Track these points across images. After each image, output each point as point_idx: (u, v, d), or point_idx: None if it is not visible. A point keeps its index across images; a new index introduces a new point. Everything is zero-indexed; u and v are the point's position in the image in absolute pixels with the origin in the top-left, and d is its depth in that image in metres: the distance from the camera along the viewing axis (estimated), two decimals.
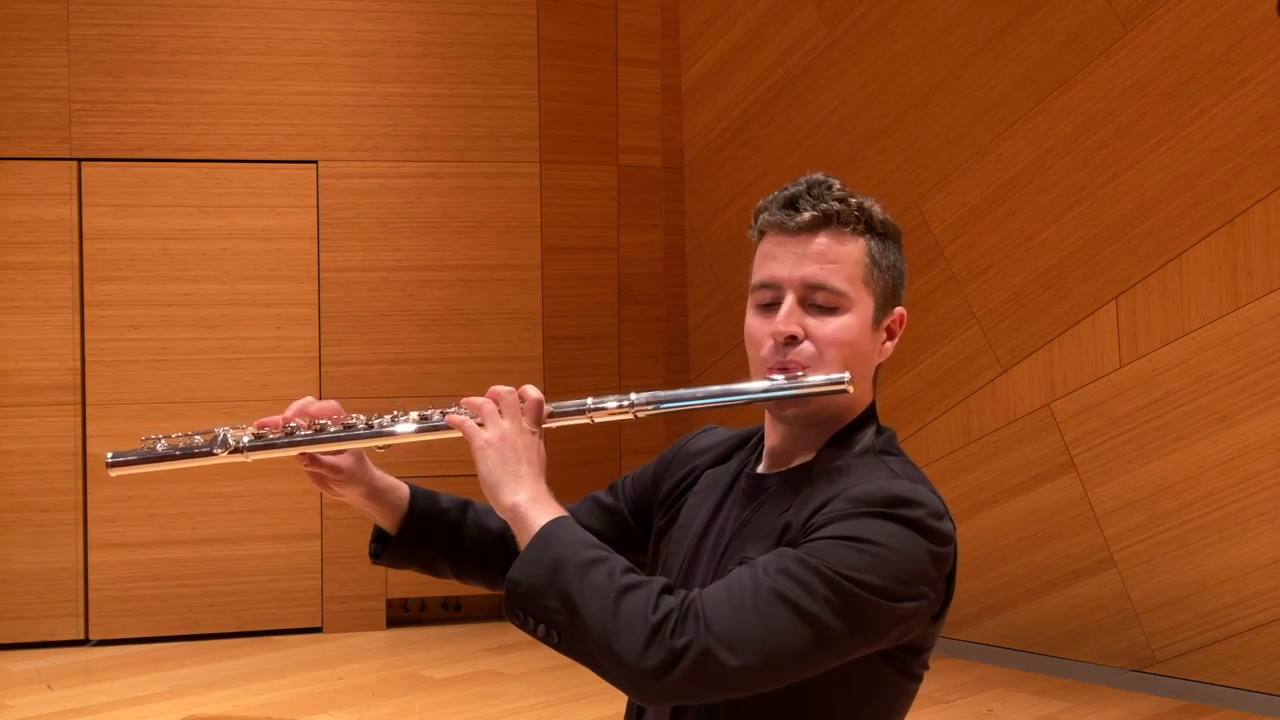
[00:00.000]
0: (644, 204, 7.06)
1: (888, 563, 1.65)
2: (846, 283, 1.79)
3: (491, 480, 1.75)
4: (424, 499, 2.07)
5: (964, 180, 5.96)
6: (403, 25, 6.57)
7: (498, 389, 1.80)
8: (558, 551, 1.65)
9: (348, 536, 6.49)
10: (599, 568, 1.64)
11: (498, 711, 5.26)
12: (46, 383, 6.26)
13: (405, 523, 2.05)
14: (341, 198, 6.51)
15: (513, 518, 1.72)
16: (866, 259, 1.81)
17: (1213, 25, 5.19)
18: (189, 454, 1.92)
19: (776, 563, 1.65)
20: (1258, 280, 5.11)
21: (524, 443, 1.76)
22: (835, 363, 1.79)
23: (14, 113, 6.24)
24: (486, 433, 1.77)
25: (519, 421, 1.78)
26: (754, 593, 1.62)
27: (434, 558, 2.07)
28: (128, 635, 6.31)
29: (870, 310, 1.82)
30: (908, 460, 1.83)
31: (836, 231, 1.80)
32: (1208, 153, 5.22)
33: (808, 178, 1.84)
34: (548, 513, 1.71)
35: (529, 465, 1.75)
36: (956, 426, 6.03)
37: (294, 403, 1.95)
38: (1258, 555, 5.12)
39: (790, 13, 6.59)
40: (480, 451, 1.76)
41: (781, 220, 1.81)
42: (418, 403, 7.49)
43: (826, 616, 1.62)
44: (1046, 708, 5.25)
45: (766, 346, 1.80)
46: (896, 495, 1.70)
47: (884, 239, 1.84)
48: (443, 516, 2.07)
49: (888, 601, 1.65)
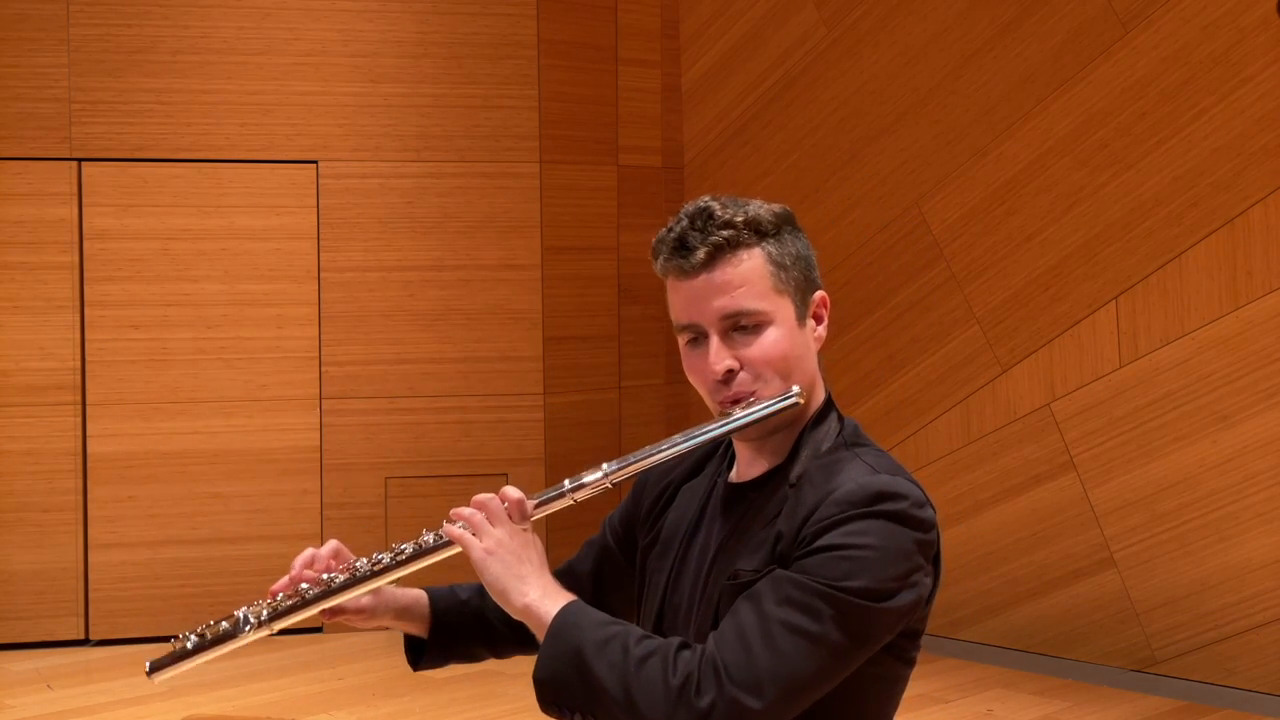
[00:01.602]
0: (644, 204, 7.06)
1: (880, 563, 1.70)
2: (759, 299, 1.82)
3: (499, 588, 1.79)
4: (443, 599, 2.15)
5: (964, 180, 5.96)
6: (403, 25, 6.57)
7: (479, 497, 1.86)
8: (572, 640, 1.72)
9: (348, 537, 6.49)
10: (613, 645, 1.70)
11: (498, 711, 5.26)
12: (46, 383, 6.26)
13: (433, 630, 2.13)
14: (341, 198, 6.51)
15: (526, 618, 1.79)
16: (770, 267, 1.83)
17: (1213, 25, 5.19)
18: (219, 641, 2.00)
19: (776, 593, 1.70)
20: (1258, 280, 5.11)
21: (519, 543, 1.81)
22: (777, 379, 1.82)
23: (14, 113, 6.25)
24: (483, 542, 1.81)
25: (509, 524, 1.82)
26: (763, 631, 1.68)
27: (470, 649, 2.16)
28: (128, 635, 6.31)
29: (791, 311, 1.85)
30: (878, 450, 1.87)
31: (731, 256, 1.82)
32: (1208, 153, 5.22)
33: (688, 209, 1.87)
34: (556, 603, 1.76)
35: (529, 564, 1.80)
36: (956, 426, 6.02)
37: (296, 559, 2.02)
38: (1257, 555, 5.12)
39: (790, 13, 6.59)
40: (481, 563, 1.81)
41: (678, 265, 1.83)
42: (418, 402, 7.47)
43: (835, 635, 1.68)
44: (1046, 708, 5.25)
45: (709, 384, 1.84)
46: (878, 491, 1.74)
47: (778, 237, 1.86)
48: (465, 609, 2.14)
49: (887, 602, 1.71)
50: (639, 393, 7.03)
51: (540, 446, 6.64)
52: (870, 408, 6.25)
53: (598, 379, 6.90)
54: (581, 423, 6.82)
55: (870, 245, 6.28)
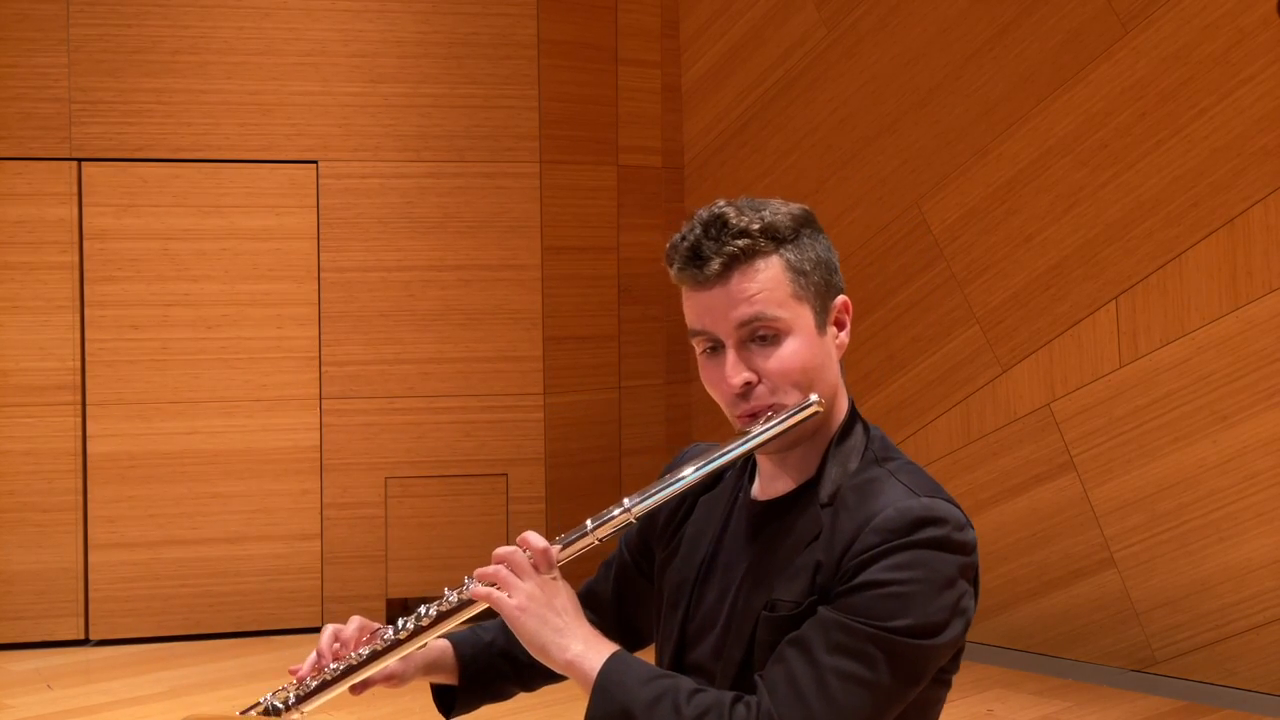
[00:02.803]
0: (644, 204, 7.05)
1: (927, 596, 1.66)
2: (778, 308, 1.75)
3: (538, 644, 1.74)
4: (469, 646, 2.08)
5: (964, 180, 5.96)
6: (403, 25, 6.57)
7: (501, 551, 1.78)
8: (620, 700, 1.68)
9: (348, 536, 6.49)
10: (664, 703, 1.66)
11: (498, 711, 5.24)
12: (46, 383, 6.26)
13: (463, 678, 2.08)
14: (341, 198, 6.51)
15: (570, 673, 1.75)
16: (788, 274, 1.76)
17: (1213, 25, 5.19)
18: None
19: (825, 640, 1.66)
20: (1258, 280, 5.11)
21: (549, 593, 1.75)
22: (796, 391, 1.75)
23: (14, 113, 6.24)
24: (513, 599, 1.75)
25: (535, 576, 1.75)
26: (816, 680, 1.64)
27: (501, 689, 2.12)
28: (128, 635, 6.31)
29: (810, 319, 1.77)
30: (911, 465, 1.80)
31: (747, 266, 1.75)
32: (1208, 153, 5.22)
33: (702, 217, 1.78)
34: (601, 655, 1.72)
35: (564, 615, 1.75)
36: (956, 426, 6.02)
37: (322, 639, 1.93)
38: (1257, 555, 5.12)
39: (790, 13, 6.59)
40: (516, 621, 1.74)
41: (693, 275, 1.76)
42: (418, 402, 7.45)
43: (888, 679, 1.65)
44: (1046, 708, 5.24)
45: (728, 397, 1.78)
46: (918, 517, 1.69)
47: (797, 242, 1.78)
48: (491, 651, 2.09)
49: (935, 638, 1.67)
50: (639, 393, 7.02)
51: (540, 446, 6.64)
52: (870, 408, 6.25)
53: (598, 379, 6.90)
54: (581, 423, 6.82)
55: (870, 245, 6.28)
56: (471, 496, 6.58)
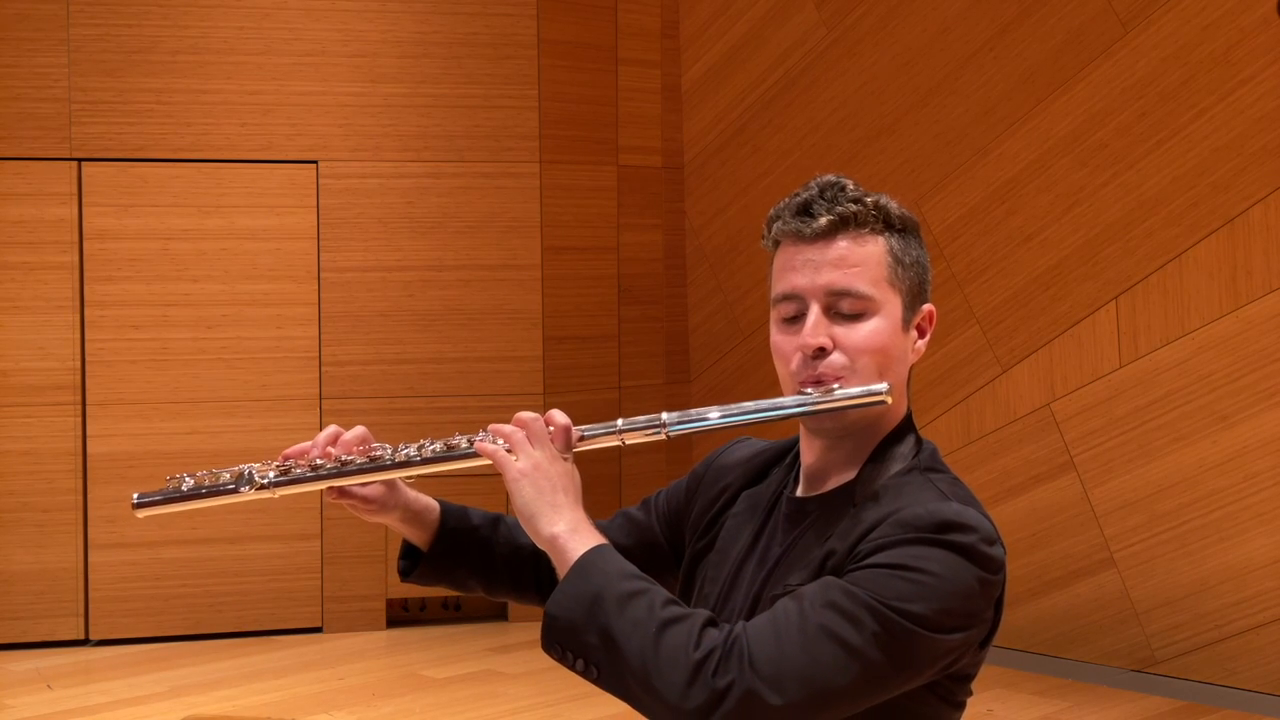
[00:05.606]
0: (644, 204, 7.06)
1: (937, 592, 1.59)
2: (871, 285, 1.71)
3: (529, 512, 1.69)
4: (454, 517, 2.01)
5: (964, 180, 5.96)
6: (403, 25, 6.57)
7: (523, 415, 1.74)
8: (596, 584, 1.61)
9: (348, 536, 6.49)
10: (639, 600, 1.59)
11: (498, 711, 5.26)
12: (46, 383, 6.26)
13: (436, 542, 1.99)
14: (341, 198, 6.51)
15: (551, 549, 1.68)
16: (889, 258, 1.74)
17: (1213, 25, 5.19)
18: (215, 492, 1.88)
19: (823, 595, 1.59)
20: (1258, 280, 5.11)
21: (558, 470, 1.71)
22: (869, 371, 1.71)
23: (14, 113, 6.24)
24: (519, 462, 1.71)
25: (550, 449, 1.73)
26: (800, 628, 1.57)
27: (465, 576, 2.02)
28: (128, 635, 6.31)
29: (898, 311, 1.74)
30: (955, 478, 1.76)
31: (855, 233, 1.72)
32: (1208, 153, 5.22)
33: (819, 180, 1.77)
34: (586, 542, 1.66)
35: (565, 494, 1.70)
36: (956, 426, 6.03)
37: (321, 433, 1.89)
38: (1257, 555, 5.12)
39: (790, 13, 6.59)
40: (515, 483, 1.70)
41: (797, 228, 1.73)
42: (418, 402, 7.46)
43: (873, 652, 1.57)
44: (1046, 708, 5.25)
45: (795, 360, 1.73)
46: (947, 519, 1.64)
47: (904, 235, 1.76)
48: (474, 534, 2.01)
49: (936, 634, 1.60)
50: (639, 393, 7.02)
51: None
52: None
53: (598, 379, 6.90)
54: (581, 423, 6.79)
55: None
56: (472, 497, 6.54)
